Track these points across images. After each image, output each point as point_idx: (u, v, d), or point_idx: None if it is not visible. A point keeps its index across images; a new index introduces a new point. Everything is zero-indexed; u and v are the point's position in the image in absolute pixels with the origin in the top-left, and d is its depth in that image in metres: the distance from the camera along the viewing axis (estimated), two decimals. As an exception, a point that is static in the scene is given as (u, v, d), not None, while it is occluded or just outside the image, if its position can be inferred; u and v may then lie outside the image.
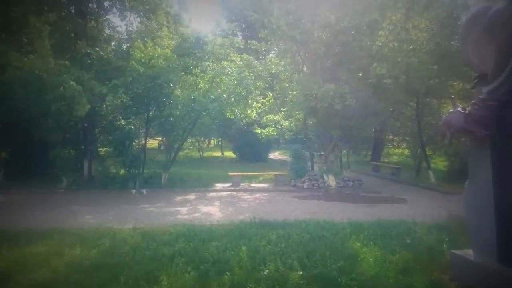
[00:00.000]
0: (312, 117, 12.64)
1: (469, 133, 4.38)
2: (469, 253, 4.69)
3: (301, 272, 4.65)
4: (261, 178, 15.27)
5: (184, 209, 9.82)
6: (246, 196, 12.09)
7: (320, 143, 13.03)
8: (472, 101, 4.38)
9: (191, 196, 11.93)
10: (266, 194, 12.40)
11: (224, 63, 12.42)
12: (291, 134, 15.77)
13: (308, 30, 10.70)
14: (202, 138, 26.79)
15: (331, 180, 12.80)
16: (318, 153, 13.72)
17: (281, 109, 14.34)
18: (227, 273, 4.68)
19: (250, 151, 23.33)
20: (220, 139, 32.81)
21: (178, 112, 12.17)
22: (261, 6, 12.53)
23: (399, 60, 10.75)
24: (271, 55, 17.71)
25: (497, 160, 4.18)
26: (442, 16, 11.20)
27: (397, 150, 25.58)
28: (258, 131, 17.12)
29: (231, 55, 12.62)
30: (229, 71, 12.40)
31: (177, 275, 4.63)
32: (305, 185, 13.01)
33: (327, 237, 6.23)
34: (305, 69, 12.43)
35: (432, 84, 13.39)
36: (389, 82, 9.86)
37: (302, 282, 4.41)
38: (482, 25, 4.39)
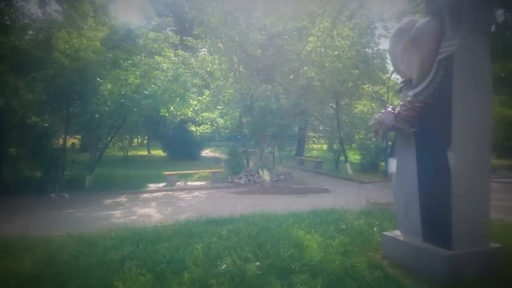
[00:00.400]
0: (248, 115, 12.98)
1: (398, 130, 5.07)
2: (397, 234, 5.42)
3: (257, 263, 4.86)
4: (196, 176, 15.12)
5: (117, 213, 9.32)
6: (184, 195, 11.91)
7: (256, 140, 13.47)
8: (401, 103, 5.09)
9: (122, 199, 11.34)
10: (204, 192, 12.38)
11: (158, 58, 11.98)
12: (227, 131, 15.93)
13: (245, 32, 10.96)
14: (127, 137, 25.30)
15: (265, 175, 13.35)
16: (254, 150, 14.17)
17: (217, 107, 14.39)
18: (184, 271, 4.66)
19: (182, 149, 22.76)
20: (146, 137, 31.30)
21: (106, 108, 11.38)
22: (195, 4, 12.42)
23: (326, 64, 11.72)
24: (202, 52, 17.52)
25: (421, 153, 4.94)
26: (361, 26, 12.53)
27: (316, 146, 27.75)
28: (193, 128, 16.89)
29: (165, 50, 12.22)
30: (164, 66, 12.00)
31: (132, 279, 4.46)
32: (242, 181, 13.35)
33: (273, 228, 6.57)
34: (241, 68, 12.67)
35: (349, 87, 14.88)
36: (318, 84, 10.72)
37: (260, 272, 4.62)
38: (408, 37, 5.10)
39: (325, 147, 28.44)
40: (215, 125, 16.17)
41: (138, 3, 63.20)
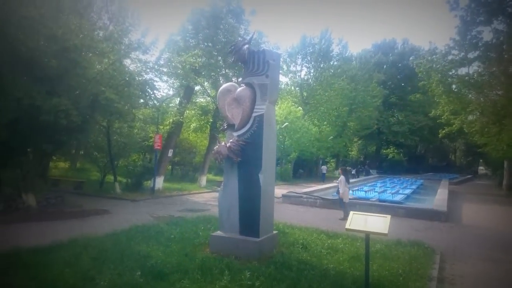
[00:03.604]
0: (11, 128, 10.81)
1: (229, 158, 7.23)
2: (220, 233, 7.46)
3: (138, 272, 5.43)
4: None
5: None
6: None
7: (18, 158, 11.35)
8: (231, 140, 7.30)
9: None
10: None
11: None
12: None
13: (34, 37, 9.47)
14: None
15: (31, 200, 11.57)
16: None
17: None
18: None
19: None
20: None
21: None
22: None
23: (125, 89, 12.14)
24: None
25: (242, 174, 7.30)
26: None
27: (63, 164, 25.19)
28: None
29: None
30: None
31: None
32: (-2, 208, 10.83)
33: (113, 247, 6.87)
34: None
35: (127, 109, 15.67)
36: (119, 106, 11.04)
37: (142, 280, 5.29)
38: (233, 96, 7.51)
39: (67, 165, 26.28)
40: None
41: None
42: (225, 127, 7.75)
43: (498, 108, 19.09)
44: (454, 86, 25.54)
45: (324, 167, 37.81)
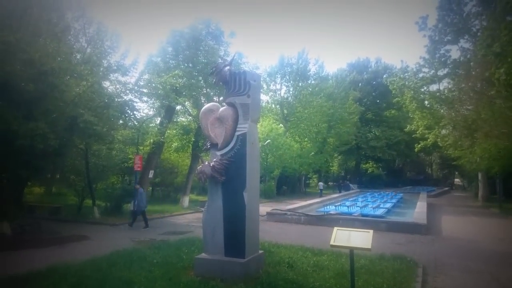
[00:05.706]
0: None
1: (213, 177, 7.22)
2: (205, 256, 7.33)
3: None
4: None
5: None
6: None
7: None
8: (214, 159, 7.31)
9: None
10: None
11: None
12: None
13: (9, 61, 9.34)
14: None
15: (6, 227, 11.07)
16: None
17: None
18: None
19: None
20: None
21: None
22: None
23: (104, 111, 12.01)
24: None
25: (226, 193, 7.28)
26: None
27: (38, 189, 24.26)
28: None
29: None
30: None
31: None
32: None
33: (98, 276, 6.62)
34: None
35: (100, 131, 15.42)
36: (98, 129, 10.88)
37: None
38: (215, 115, 7.58)
39: (42, 190, 25.31)
40: None
41: None
42: (208, 146, 7.77)
43: (469, 122, 19.97)
44: (426, 102, 26.64)
45: (321, 183, 38.81)
